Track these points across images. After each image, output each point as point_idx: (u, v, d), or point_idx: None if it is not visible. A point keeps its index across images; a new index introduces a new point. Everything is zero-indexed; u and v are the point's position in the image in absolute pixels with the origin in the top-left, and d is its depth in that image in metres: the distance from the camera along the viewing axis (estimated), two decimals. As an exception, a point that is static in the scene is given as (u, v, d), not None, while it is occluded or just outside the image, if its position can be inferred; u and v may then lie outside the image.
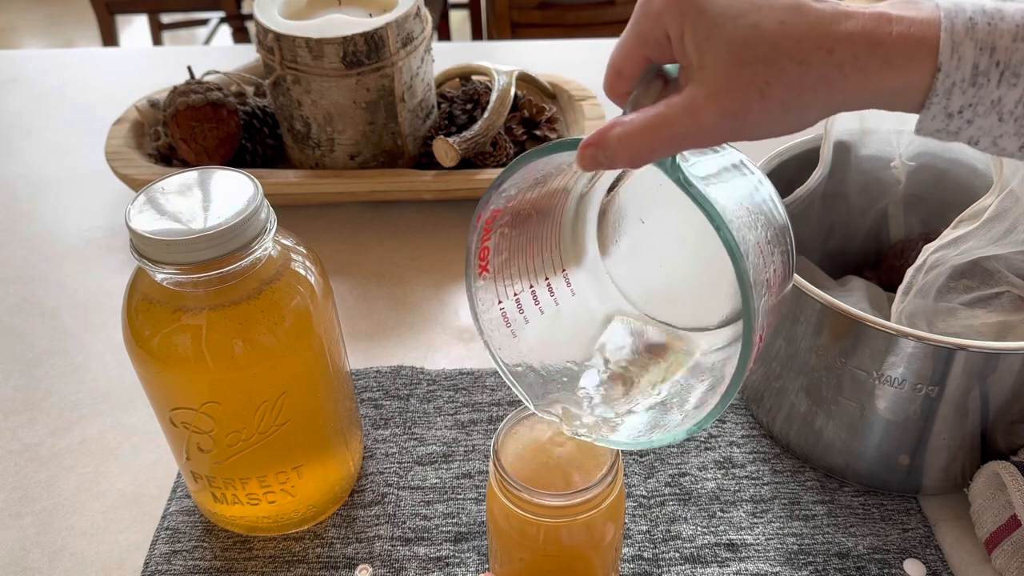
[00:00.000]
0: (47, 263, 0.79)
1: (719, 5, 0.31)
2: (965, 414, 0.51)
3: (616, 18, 1.87)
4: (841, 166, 0.63)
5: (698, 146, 0.33)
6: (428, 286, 0.75)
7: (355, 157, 0.81)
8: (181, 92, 0.79)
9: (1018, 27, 0.30)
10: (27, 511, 0.58)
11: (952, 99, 0.31)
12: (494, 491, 0.42)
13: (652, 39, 0.33)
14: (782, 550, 0.54)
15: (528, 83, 0.90)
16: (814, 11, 0.31)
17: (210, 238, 0.42)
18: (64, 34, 3.05)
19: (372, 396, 0.64)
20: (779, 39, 0.30)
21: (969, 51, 0.30)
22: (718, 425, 0.61)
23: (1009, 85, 0.30)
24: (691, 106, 0.31)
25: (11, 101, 1.04)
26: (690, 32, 0.32)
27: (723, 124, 0.31)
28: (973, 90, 0.30)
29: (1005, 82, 0.30)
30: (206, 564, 0.54)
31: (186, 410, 0.47)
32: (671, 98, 0.32)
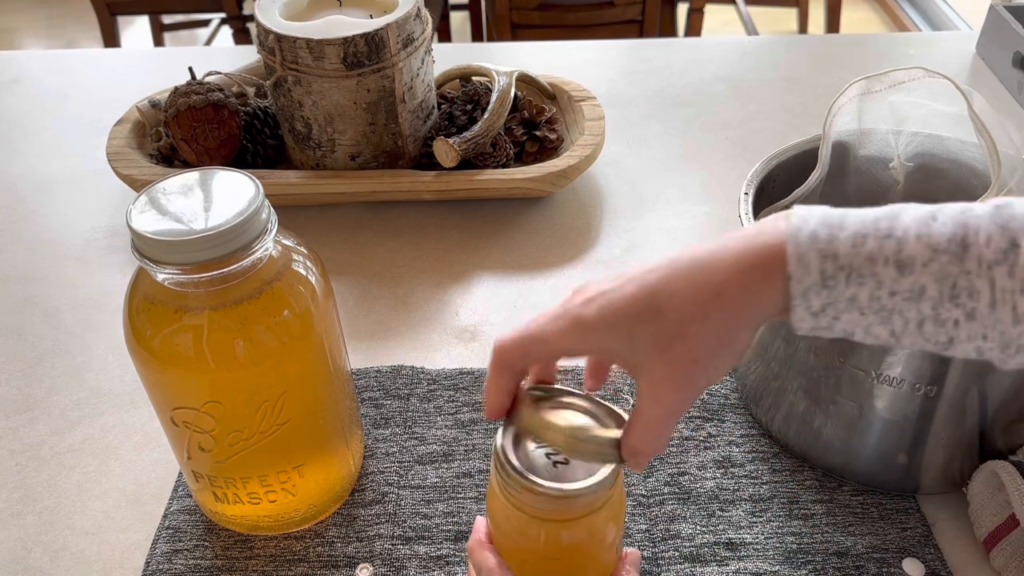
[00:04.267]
0: (49, 263, 0.79)
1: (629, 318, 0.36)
2: (963, 414, 0.51)
3: (616, 19, 1.87)
4: (840, 166, 0.63)
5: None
6: (428, 286, 0.75)
7: (356, 158, 0.81)
8: (182, 93, 0.79)
9: (856, 234, 0.34)
10: (29, 510, 0.58)
11: (811, 301, 0.35)
12: (494, 491, 0.42)
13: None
14: (781, 549, 0.54)
15: (528, 84, 0.91)
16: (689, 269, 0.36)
17: (211, 238, 0.42)
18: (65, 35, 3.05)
19: (373, 396, 0.64)
20: (680, 313, 0.35)
21: (814, 260, 0.34)
22: (718, 424, 0.61)
23: (857, 284, 0.34)
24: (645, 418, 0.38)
25: (13, 102, 1.05)
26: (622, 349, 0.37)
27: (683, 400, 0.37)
28: (826, 291, 0.35)
29: (853, 282, 0.34)
30: (207, 563, 0.54)
31: (187, 410, 0.47)
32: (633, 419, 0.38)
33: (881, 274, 0.34)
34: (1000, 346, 0.34)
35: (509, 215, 0.83)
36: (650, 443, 0.38)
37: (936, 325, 0.34)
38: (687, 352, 0.36)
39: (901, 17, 2.85)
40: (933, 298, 0.34)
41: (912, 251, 0.34)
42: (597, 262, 0.78)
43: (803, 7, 2.36)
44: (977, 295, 0.33)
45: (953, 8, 2.65)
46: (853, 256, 0.34)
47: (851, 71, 0.66)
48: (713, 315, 0.35)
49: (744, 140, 0.93)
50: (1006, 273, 0.32)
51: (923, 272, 0.33)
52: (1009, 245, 0.32)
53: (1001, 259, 0.32)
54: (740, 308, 0.36)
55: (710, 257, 0.36)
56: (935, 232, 0.34)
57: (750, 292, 0.35)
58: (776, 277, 0.35)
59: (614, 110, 0.96)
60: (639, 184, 0.87)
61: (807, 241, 0.34)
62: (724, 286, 0.35)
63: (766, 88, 1.02)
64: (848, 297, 0.34)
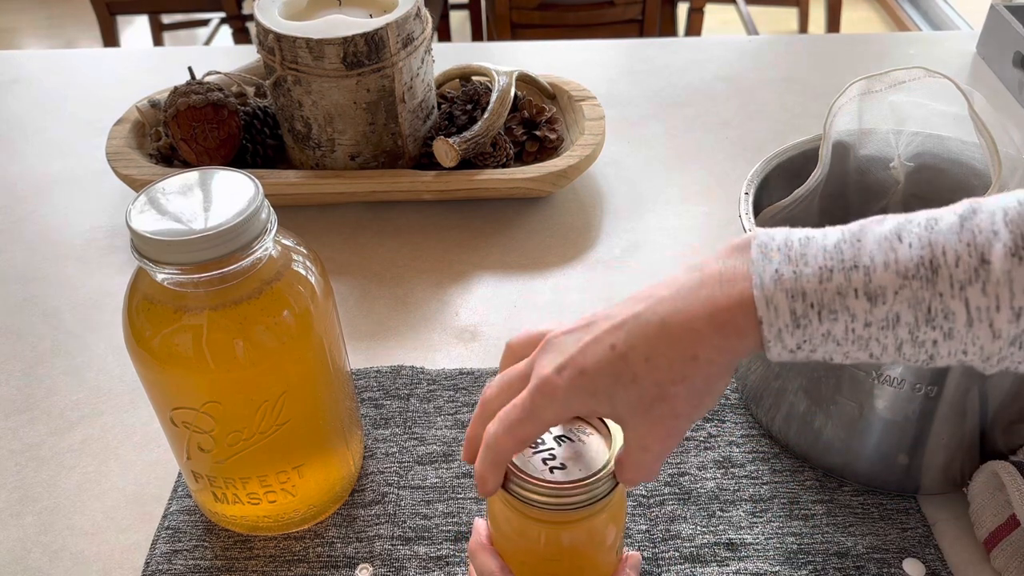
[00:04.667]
0: (48, 263, 0.79)
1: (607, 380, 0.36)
2: (964, 414, 0.51)
3: (616, 18, 1.87)
4: (840, 166, 0.63)
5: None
6: (428, 286, 0.75)
7: (355, 157, 0.81)
8: (182, 92, 0.79)
9: (821, 268, 0.33)
10: (28, 510, 0.58)
11: (785, 340, 0.34)
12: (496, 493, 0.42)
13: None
14: (781, 549, 0.54)
15: (528, 83, 0.90)
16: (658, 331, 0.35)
17: (211, 238, 0.42)
18: (65, 35, 3.05)
19: (372, 396, 0.64)
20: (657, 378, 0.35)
21: (782, 301, 0.34)
22: (718, 425, 0.61)
23: (831, 321, 0.33)
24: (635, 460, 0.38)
25: (12, 102, 1.04)
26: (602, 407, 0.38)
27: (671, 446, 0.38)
28: (800, 331, 0.34)
29: (826, 319, 0.33)
30: (207, 563, 0.54)
31: (187, 410, 0.47)
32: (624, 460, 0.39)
33: (853, 307, 0.33)
34: (981, 359, 0.33)
35: (509, 215, 0.83)
36: (644, 477, 0.39)
37: (915, 347, 0.34)
38: (670, 411, 0.36)
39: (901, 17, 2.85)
40: (909, 323, 0.33)
41: (881, 280, 0.33)
42: (597, 262, 0.78)
43: (803, 7, 2.36)
44: (953, 316, 0.32)
45: (953, 8, 2.65)
46: (822, 292, 0.33)
47: (851, 71, 0.66)
48: (692, 375, 0.35)
49: (744, 140, 0.93)
50: (979, 292, 0.32)
51: (895, 300, 0.33)
52: (979, 263, 0.32)
53: (973, 278, 0.32)
54: (719, 364, 0.35)
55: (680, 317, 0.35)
56: (902, 256, 0.33)
57: (726, 350, 0.35)
58: (751, 329, 0.34)
59: (614, 110, 0.96)
60: (639, 184, 0.87)
61: (771, 283, 0.34)
62: (700, 349, 0.35)
63: (766, 88, 1.02)
64: (823, 333, 0.34)
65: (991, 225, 0.32)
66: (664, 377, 0.35)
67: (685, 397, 0.36)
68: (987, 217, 0.32)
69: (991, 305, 0.32)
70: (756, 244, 0.35)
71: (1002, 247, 0.31)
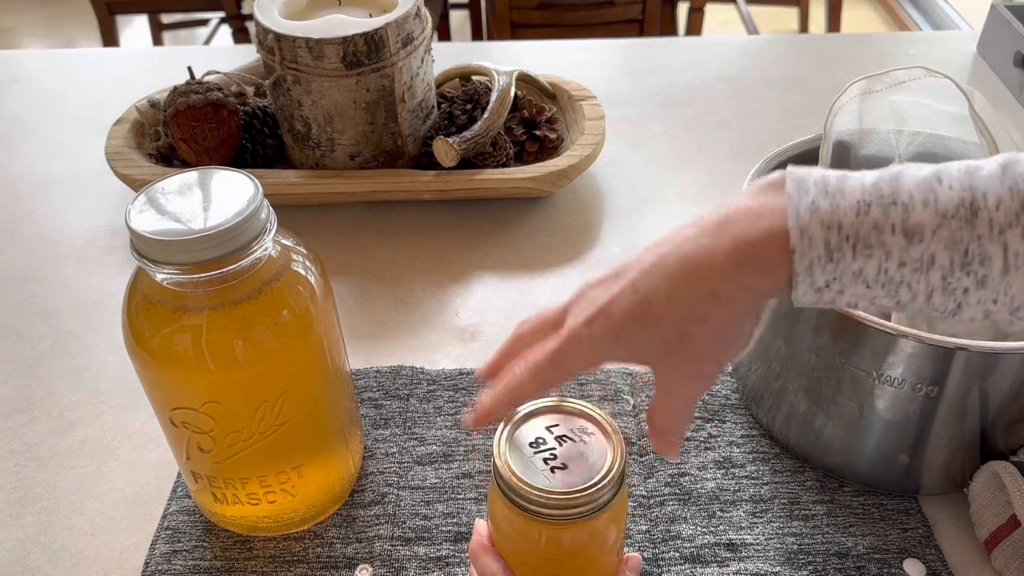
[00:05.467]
0: (48, 263, 0.79)
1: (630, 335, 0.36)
2: (964, 414, 0.51)
3: (616, 18, 1.87)
4: (841, 166, 0.62)
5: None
6: (428, 286, 0.75)
7: (355, 157, 0.81)
8: (181, 92, 0.79)
9: (859, 203, 0.33)
10: (27, 511, 0.58)
11: (815, 276, 0.33)
12: (495, 494, 0.42)
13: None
14: (782, 550, 0.54)
15: (528, 83, 0.90)
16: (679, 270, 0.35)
17: (210, 238, 0.42)
18: (65, 34, 3.05)
19: (372, 396, 0.64)
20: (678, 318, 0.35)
21: (818, 231, 0.33)
22: (718, 425, 0.61)
23: (864, 257, 0.33)
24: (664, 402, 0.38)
25: (12, 101, 1.04)
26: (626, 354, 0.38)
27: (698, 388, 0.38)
28: (832, 265, 0.33)
29: (860, 255, 0.33)
30: (206, 564, 0.54)
31: (186, 410, 0.47)
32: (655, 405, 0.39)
33: (889, 244, 0.32)
34: (1009, 310, 0.33)
35: (509, 215, 0.83)
36: (673, 424, 0.38)
37: (945, 295, 0.33)
38: (694, 352, 0.35)
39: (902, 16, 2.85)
40: (944, 267, 0.32)
41: (920, 218, 0.32)
42: (597, 262, 0.77)
43: (804, 6, 2.36)
44: (989, 261, 0.32)
45: (954, 7, 2.65)
46: (858, 226, 0.32)
47: (852, 70, 0.66)
48: (713, 315, 0.35)
49: (744, 140, 0.93)
50: (1019, 236, 0.31)
51: (933, 240, 0.32)
52: (1021, 207, 0.31)
53: (1013, 222, 0.31)
54: (740, 303, 0.34)
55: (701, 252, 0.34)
56: (942, 197, 0.32)
57: (748, 287, 0.34)
58: (777, 264, 0.33)
59: (614, 110, 0.96)
60: (639, 184, 0.87)
61: (807, 213, 0.33)
62: (720, 285, 0.34)
63: (766, 88, 1.02)
64: (854, 271, 0.33)
65: None
66: (684, 317, 0.35)
67: (707, 338, 0.35)
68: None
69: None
70: (792, 178, 0.34)
71: None
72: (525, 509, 0.39)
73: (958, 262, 0.32)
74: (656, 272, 0.35)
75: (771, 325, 0.56)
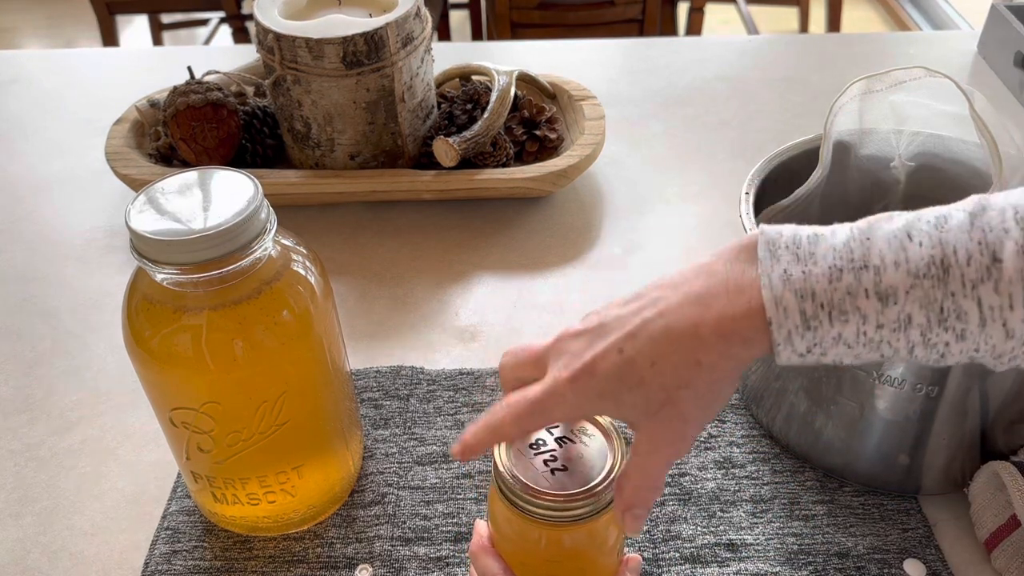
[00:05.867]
0: (47, 263, 0.79)
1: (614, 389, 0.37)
2: (965, 414, 0.51)
3: (616, 18, 1.87)
4: (841, 166, 0.63)
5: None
6: (428, 286, 0.75)
7: (355, 157, 0.81)
8: (181, 92, 0.79)
9: (831, 268, 0.33)
10: (27, 511, 0.58)
11: (795, 343, 0.34)
12: (495, 495, 0.42)
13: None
14: (782, 550, 0.54)
15: (528, 83, 0.90)
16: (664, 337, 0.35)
17: (210, 238, 0.42)
18: (65, 34, 3.05)
19: (372, 396, 0.64)
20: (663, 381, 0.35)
21: (792, 302, 0.33)
22: (718, 425, 0.61)
23: (841, 322, 0.33)
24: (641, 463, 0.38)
25: (12, 101, 1.04)
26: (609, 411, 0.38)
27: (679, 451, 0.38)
28: (811, 333, 0.33)
29: (837, 321, 0.33)
30: (206, 564, 0.54)
31: (186, 410, 0.47)
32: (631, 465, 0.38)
33: (864, 308, 0.33)
34: (992, 356, 0.33)
35: (509, 215, 0.83)
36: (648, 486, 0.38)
37: (927, 349, 0.33)
38: (677, 415, 0.36)
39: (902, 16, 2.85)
40: (921, 325, 0.32)
41: (892, 280, 0.32)
42: (597, 262, 0.77)
43: (804, 6, 2.36)
44: (966, 316, 0.32)
45: (954, 7, 2.65)
46: (832, 292, 0.33)
47: (852, 70, 0.66)
48: (696, 380, 0.35)
49: (744, 140, 0.93)
50: (992, 290, 0.31)
51: (907, 300, 0.32)
52: (991, 261, 0.31)
53: (985, 276, 0.31)
54: (723, 370, 0.35)
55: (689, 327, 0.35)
56: (912, 256, 0.32)
57: (730, 356, 0.35)
58: (758, 336, 0.34)
59: (614, 109, 0.96)
60: (639, 184, 0.87)
61: (780, 283, 0.33)
62: (703, 355, 0.35)
63: (767, 87, 1.02)
64: (834, 336, 0.33)
65: (1002, 223, 0.32)
66: (669, 381, 0.35)
67: (691, 401, 0.36)
68: (997, 215, 0.32)
69: (1004, 304, 0.31)
70: (763, 241, 0.35)
71: (1013, 245, 0.31)
72: (525, 511, 0.39)
73: (935, 319, 0.32)
74: (642, 336, 0.36)
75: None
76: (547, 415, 0.38)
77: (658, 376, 0.35)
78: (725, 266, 0.35)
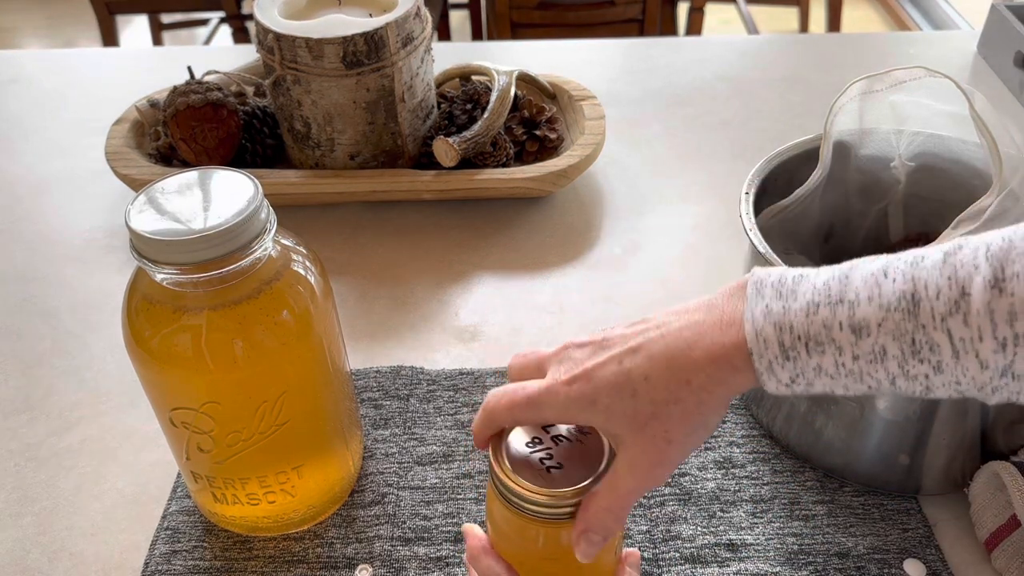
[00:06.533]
0: (47, 263, 0.79)
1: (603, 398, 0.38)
2: (965, 414, 0.51)
3: (616, 18, 1.87)
4: (841, 166, 0.63)
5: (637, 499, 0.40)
6: (428, 286, 0.75)
7: (355, 157, 0.81)
8: (181, 92, 0.79)
9: (808, 304, 0.35)
10: (27, 511, 0.58)
11: (777, 373, 0.35)
12: (493, 494, 0.42)
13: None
14: (782, 550, 0.54)
15: (528, 83, 0.90)
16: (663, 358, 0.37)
17: (210, 238, 0.42)
18: (64, 34, 3.05)
19: (372, 396, 0.64)
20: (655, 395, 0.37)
21: (771, 334, 0.35)
22: (719, 425, 0.61)
23: (819, 353, 0.35)
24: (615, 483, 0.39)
25: (12, 101, 1.04)
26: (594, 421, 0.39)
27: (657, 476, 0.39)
28: (790, 363, 0.35)
29: (814, 352, 0.35)
30: (206, 564, 0.54)
31: (186, 410, 0.47)
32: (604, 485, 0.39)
33: (839, 339, 0.34)
34: (976, 388, 0.34)
35: (509, 215, 0.83)
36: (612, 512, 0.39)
37: (908, 380, 0.34)
38: (663, 432, 0.37)
39: (902, 16, 2.85)
40: (896, 356, 0.34)
41: (864, 313, 0.34)
42: (597, 262, 0.77)
43: (804, 6, 2.36)
44: (938, 348, 0.33)
45: (954, 7, 2.65)
46: (808, 325, 0.35)
47: (852, 70, 0.66)
48: (685, 398, 0.37)
49: (744, 140, 0.93)
50: (961, 323, 0.32)
51: (879, 332, 0.33)
52: (960, 295, 0.32)
53: (954, 310, 0.32)
54: (711, 393, 0.37)
55: (684, 349, 0.37)
56: (885, 291, 0.34)
57: (720, 381, 0.37)
58: (745, 366, 0.36)
59: (614, 109, 0.96)
60: (639, 184, 0.87)
61: (761, 317, 0.35)
62: (694, 376, 0.37)
63: (767, 87, 1.02)
64: (813, 367, 0.35)
65: (973, 259, 0.33)
66: (660, 396, 0.37)
67: (678, 418, 0.37)
68: (970, 252, 0.33)
69: (974, 336, 0.32)
70: (752, 281, 0.37)
71: (982, 280, 0.32)
72: (522, 509, 0.39)
73: (908, 351, 0.33)
74: (642, 352, 0.38)
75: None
76: (539, 410, 0.40)
77: (651, 390, 0.37)
78: (721, 301, 0.38)
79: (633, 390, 0.37)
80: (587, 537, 0.39)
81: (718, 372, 0.36)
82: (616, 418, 0.38)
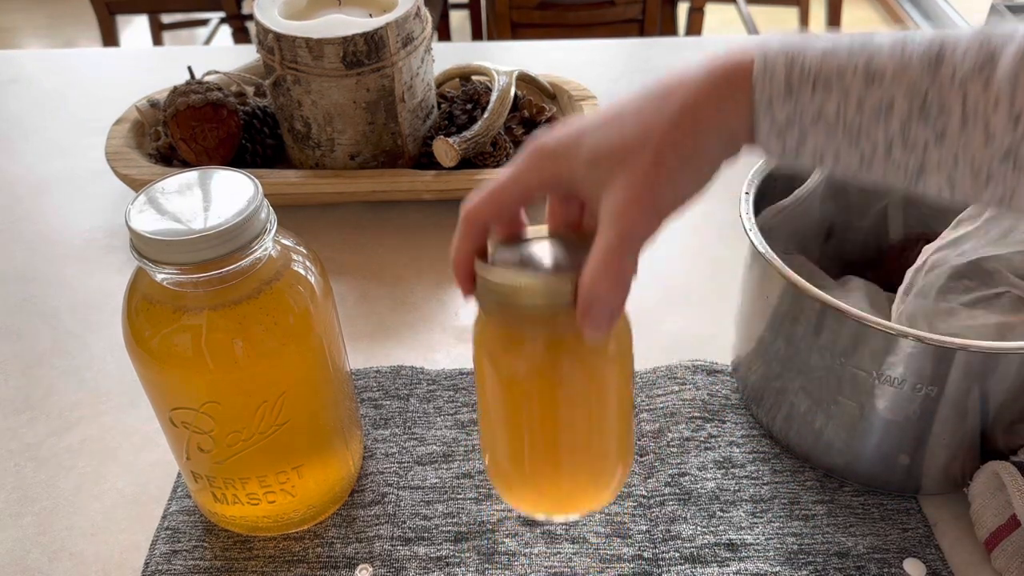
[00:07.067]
0: (47, 263, 0.79)
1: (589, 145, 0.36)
2: (965, 414, 0.51)
3: (616, 18, 1.87)
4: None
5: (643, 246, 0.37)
6: (428, 286, 0.75)
7: (355, 157, 0.81)
8: (181, 92, 0.79)
9: (827, 48, 0.33)
10: (27, 511, 0.58)
11: (775, 112, 0.34)
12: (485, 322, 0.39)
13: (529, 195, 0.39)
14: (782, 550, 0.54)
15: (528, 83, 0.90)
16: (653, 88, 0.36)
17: (210, 238, 0.42)
18: (65, 34, 3.05)
19: (372, 396, 0.64)
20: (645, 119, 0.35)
21: (780, 66, 0.33)
22: (718, 425, 0.61)
23: (824, 93, 0.33)
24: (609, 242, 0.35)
25: (12, 101, 1.04)
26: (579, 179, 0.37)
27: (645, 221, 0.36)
28: (791, 101, 0.33)
29: (819, 92, 0.33)
30: (206, 564, 0.54)
31: (186, 410, 0.47)
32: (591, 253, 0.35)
33: (849, 83, 0.32)
34: (972, 173, 0.32)
35: (509, 215, 0.83)
36: (608, 286, 0.35)
37: (905, 149, 0.32)
38: (653, 156, 0.34)
39: (902, 16, 2.85)
40: (902, 113, 0.32)
41: (883, 62, 0.32)
42: (597, 262, 0.77)
43: (804, 6, 2.36)
44: (948, 112, 0.31)
45: (954, 7, 2.65)
46: (822, 64, 0.33)
47: (852, 70, 0.66)
48: (680, 120, 0.35)
49: (744, 139, 0.93)
50: (980, 87, 0.31)
51: (892, 83, 0.32)
52: (987, 59, 0.31)
53: (976, 73, 0.31)
54: (706, 116, 0.35)
55: (680, 73, 0.36)
56: (909, 47, 0.32)
57: (715, 101, 0.35)
58: (743, 90, 0.34)
59: (614, 109, 0.96)
60: (639, 184, 0.87)
61: (776, 50, 0.34)
62: (690, 95, 0.35)
63: (766, 87, 1.02)
64: (814, 110, 0.33)
65: (1011, 32, 0.31)
66: (651, 119, 0.35)
67: (670, 143, 0.35)
68: (1009, 27, 0.31)
69: (989, 103, 0.31)
70: (769, 33, 0.36)
71: (1015, 48, 0.30)
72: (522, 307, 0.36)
73: (916, 109, 0.32)
74: (635, 94, 0.37)
75: (771, 325, 0.56)
76: (520, 181, 0.38)
77: (640, 118, 0.35)
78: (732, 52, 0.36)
79: (621, 120, 0.35)
80: (591, 314, 0.35)
81: (714, 90, 0.34)
82: (603, 155, 0.35)
